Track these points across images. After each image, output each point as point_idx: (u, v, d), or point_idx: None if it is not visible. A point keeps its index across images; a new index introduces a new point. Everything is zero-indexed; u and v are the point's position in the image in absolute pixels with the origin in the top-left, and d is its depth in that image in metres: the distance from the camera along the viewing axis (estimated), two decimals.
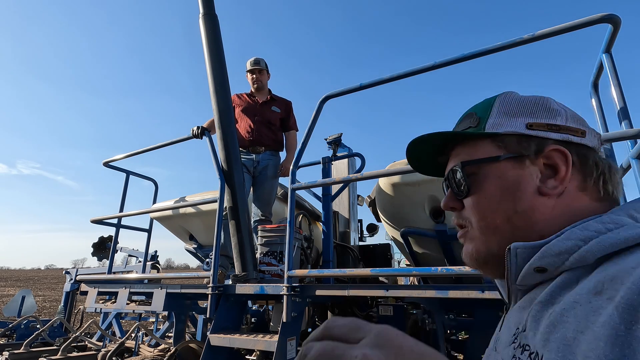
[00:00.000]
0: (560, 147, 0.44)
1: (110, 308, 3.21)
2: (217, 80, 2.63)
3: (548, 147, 0.45)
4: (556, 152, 0.44)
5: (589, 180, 0.44)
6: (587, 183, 0.44)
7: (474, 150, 0.49)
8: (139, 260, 5.26)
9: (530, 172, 0.45)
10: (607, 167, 0.45)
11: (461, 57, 1.94)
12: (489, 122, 0.49)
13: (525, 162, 0.46)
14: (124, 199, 3.66)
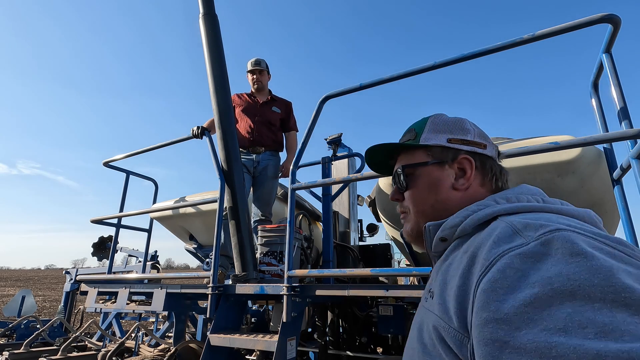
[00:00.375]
0: (468, 156, 0.64)
1: (110, 308, 3.21)
2: (217, 80, 2.63)
3: (460, 156, 0.64)
4: (465, 159, 0.64)
5: (486, 179, 0.64)
6: (484, 181, 0.64)
7: (411, 157, 0.69)
8: (139, 260, 5.26)
9: (448, 173, 0.64)
10: (498, 170, 0.65)
11: (461, 57, 1.94)
12: (422, 137, 0.68)
13: (445, 166, 0.65)
14: (124, 199, 3.66)
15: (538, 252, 0.37)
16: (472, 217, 0.53)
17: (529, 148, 1.56)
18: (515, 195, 0.55)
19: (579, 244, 0.36)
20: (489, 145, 0.66)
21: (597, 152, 2.07)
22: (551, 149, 1.54)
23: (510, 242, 0.41)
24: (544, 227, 0.40)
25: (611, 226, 2.50)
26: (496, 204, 0.53)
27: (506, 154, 1.63)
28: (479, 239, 0.47)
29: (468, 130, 0.66)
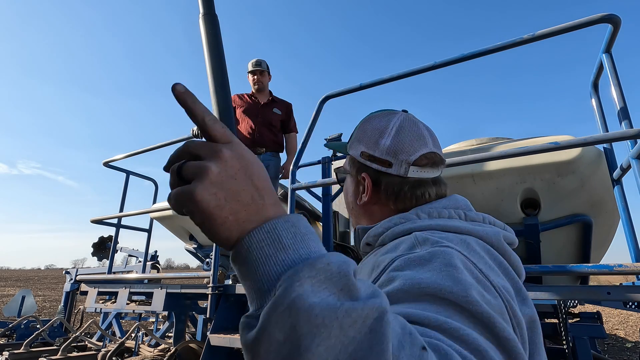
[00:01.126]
0: (366, 175, 0.66)
1: (110, 308, 3.21)
2: (217, 80, 2.62)
3: (362, 173, 0.66)
4: (363, 179, 0.66)
5: (389, 194, 0.64)
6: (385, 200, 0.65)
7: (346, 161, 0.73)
8: (139, 260, 5.26)
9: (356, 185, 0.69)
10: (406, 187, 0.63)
11: (461, 57, 1.94)
12: (349, 144, 0.71)
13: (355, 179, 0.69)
14: (124, 199, 3.66)
15: (423, 258, 0.43)
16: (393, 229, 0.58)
17: (529, 148, 1.56)
18: (437, 210, 0.58)
19: (454, 259, 0.41)
20: (396, 163, 0.62)
21: (597, 152, 2.07)
22: (551, 149, 1.54)
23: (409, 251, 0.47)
24: (438, 243, 0.46)
25: (611, 226, 2.50)
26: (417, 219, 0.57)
27: (506, 153, 1.63)
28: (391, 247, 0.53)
29: (378, 145, 0.64)
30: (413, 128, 0.65)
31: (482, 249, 0.49)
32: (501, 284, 0.43)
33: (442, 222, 0.54)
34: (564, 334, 1.96)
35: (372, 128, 0.67)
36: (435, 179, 0.65)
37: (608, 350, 6.27)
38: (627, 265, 1.39)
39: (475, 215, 0.58)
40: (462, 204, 0.61)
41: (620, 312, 10.44)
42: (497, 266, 0.48)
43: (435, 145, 0.66)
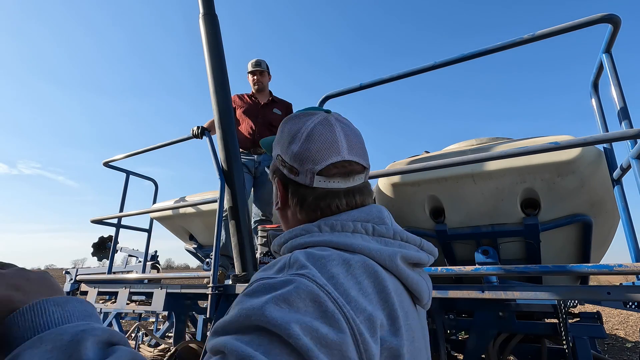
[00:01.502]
0: (278, 180, 0.64)
1: (110, 308, 3.21)
2: (217, 80, 2.63)
3: (276, 177, 0.65)
4: (276, 183, 0.65)
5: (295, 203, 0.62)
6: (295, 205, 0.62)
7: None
8: (139, 260, 5.26)
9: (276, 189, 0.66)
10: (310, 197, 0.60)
11: (461, 57, 1.94)
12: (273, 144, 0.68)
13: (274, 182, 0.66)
14: (124, 199, 3.66)
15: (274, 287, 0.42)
16: (292, 242, 0.57)
17: (529, 148, 1.56)
18: (342, 222, 0.55)
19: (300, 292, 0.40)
20: (302, 172, 0.59)
21: (597, 152, 2.07)
22: (551, 149, 1.54)
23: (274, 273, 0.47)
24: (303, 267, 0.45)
25: (611, 226, 2.50)
26: (317, 233, 0.55)
27: (506, 153, 1.63)
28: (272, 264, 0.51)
29: (290, 152, 0.61)
30: (325, 133, 0.60)
31: (365, 272, 0.47)
32: (366, 313, 0.42)
33: (336, 239, 0.52)
34: (564, 334, 1.96)
35: (287, 130, 0.63)
36: (348, 189, 0.60)
37: (608, 350, 6.27)
38: (627, 265, 1.39)
39: (385, 230, 0.55)
40: (375, 216, 0.58)
41: (620, 312, 10.44)
42: (375, 292, 0.46)
43: (353, 152, 0.61)
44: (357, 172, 0.61)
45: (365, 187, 0.63)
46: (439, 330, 2.15)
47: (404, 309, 0.50)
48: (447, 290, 1.79)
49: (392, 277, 0.51)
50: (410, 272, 0.53)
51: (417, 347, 0.51)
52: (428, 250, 0.59)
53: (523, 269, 1.54)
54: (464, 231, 2.42)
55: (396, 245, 0.54)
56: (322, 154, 0.58)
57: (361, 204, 0.61)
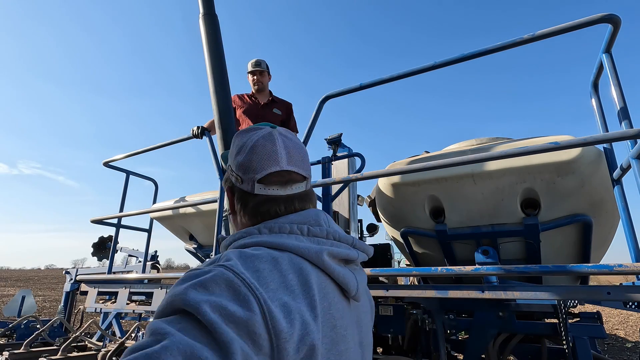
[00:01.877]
0: (228, 187, 0.72)
1: (110, 308, 3.22)
2: (217, 80, 2.63)
3: (227, 185, 0.72)
4: (227, 192, 0.72)
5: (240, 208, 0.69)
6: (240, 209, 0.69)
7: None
8: (139, 260, 5.26)
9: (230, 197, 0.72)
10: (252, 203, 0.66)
11: (461, 57, 1.95)
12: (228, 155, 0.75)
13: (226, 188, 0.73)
14: (124, 199, 3.66)
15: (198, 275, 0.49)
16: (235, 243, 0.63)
17: (529, 148, 1.56)
18: (280, 225, 0.62)
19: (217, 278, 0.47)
20: (245, 180, 0.67)
21: (597, 152, 2.07)
22: (551, 149, 1.54)
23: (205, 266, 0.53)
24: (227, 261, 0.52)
25: (611, 226, 2.50)
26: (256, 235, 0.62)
27: (506, 153, 1.63)
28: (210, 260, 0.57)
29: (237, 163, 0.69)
30: (267, 146, 0.66)
31: (291, 267, 0.54)
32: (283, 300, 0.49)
33: (271, 239, 0.59)
34: (564, 334, 1.96)
35: (236, 143, 0.71)
36: (288, 196, 0.66)
37: (608, 350, 6.27)
38: (627, 265, 1.39)
39: (319, 231, 0.62)
40: (312, 218, 0.64)
41: (620, 312, 10.44)
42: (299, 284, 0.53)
43: (292, 163, 0.67)
44: (296, 181, 0.67)
45: (306, 194, 0.70)
46: (439, 330, 2.15)
47: (328, 299, 0.56)
48: (447, 290, 1.79)
49: (319, 271, 0.58)
50: (336, 266, 0.60)
51: (341, 333, 0.56)
52: (360, 248, 0.66)
53: (523, 269, 1.54)
54: (464, 231, 2.42)
55: (327, 244, 0.61)
56: (262, 164, 0.65)
57: (301, 209, 0.67)
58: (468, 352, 2.08)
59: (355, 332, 0.62)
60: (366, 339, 0.66)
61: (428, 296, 1.84)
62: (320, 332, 0.51)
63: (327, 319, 0.54)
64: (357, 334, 0.63)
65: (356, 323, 0.63)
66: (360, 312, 0.66)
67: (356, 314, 0.64)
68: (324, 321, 0.53)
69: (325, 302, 0.55)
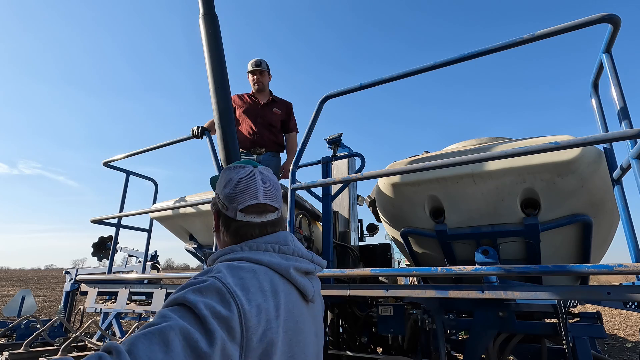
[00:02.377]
0: (215, 212, 0.90)
1: (110, 308, 3.22)
2: (217, 80, 2.62)
3: (214, 210, 0.90)
4: (214, 214, 0.90)
5: (224, 229, 0.87)
6: (224, 231, 0.87)
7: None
8: (139, 260, 5.26)
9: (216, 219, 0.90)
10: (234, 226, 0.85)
11: (461, 57, 1.95)
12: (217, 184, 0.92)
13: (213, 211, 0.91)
14: (124, 199, 3.66)
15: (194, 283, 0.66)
16: (221, 257, 0.81)
17: (529, 148, 1.57)
18: (257, 244, 0.81)
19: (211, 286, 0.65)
20: (230, 208, 0.85)
21: (597, 152, 2.07)
22: (551, 149, 1.54)
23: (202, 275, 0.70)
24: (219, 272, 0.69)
25: (611, 226, 2.50)
26: (239, 251, 0.80)
27: (506, 153, 1.63)
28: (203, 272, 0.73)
29: (224, 194, 0.87)
30: (249, 183, 0.86)
31: (266, 277, 0.73)
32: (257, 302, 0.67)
33: (251, 255, 0.77)
34: (564, 334, 1.96)
35: (224, 177, 0.89)
36: (262, 222, 0.85)
37: (608, 350, 6.27)
38: (627, 265, 1.39)
39: (287, 249, 0.82)
40: (282, 239, 0.84)
41: (620, 312, 10.44)
42: (270, 290, 0.71)
43: (268, 197, 0.87)
44: (270, 211, 0.87)
45: (278, 221, 0.89)
46: (439, 330, 2.15)
47: (292, 302, 0.75)
48: (447, 290, 1.79)
49: (286, 281, 0.77)
50: (299, 278, 0.79)
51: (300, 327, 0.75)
52: (317, 263, 0.87)
53: (523, 269, 1.54)
54: (464, 231, 2.41)
55: (293, 260, 0.80)
56: (244, 197, 0.85)
57: (273, 232, 0.87)
58: (468, 352, 2.08)
59: (312, 325, 0.81)
60: (320, 331, 0.87)
61: (428, 296, 1.84)
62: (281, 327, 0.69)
63: (290, 317, 0.73)
64: (313, 327, 0.82)
65: (312, 319, 0.82)
66: (315, 310, 0.85)
67: (312, 312, 0.83)
68: (288, 318, 0.72)
69: (289, 304, 0.74)
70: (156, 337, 0.54)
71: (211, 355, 0.56)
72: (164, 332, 0.55)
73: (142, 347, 0.53)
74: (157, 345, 0.54)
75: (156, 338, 0.54)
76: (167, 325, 0.56)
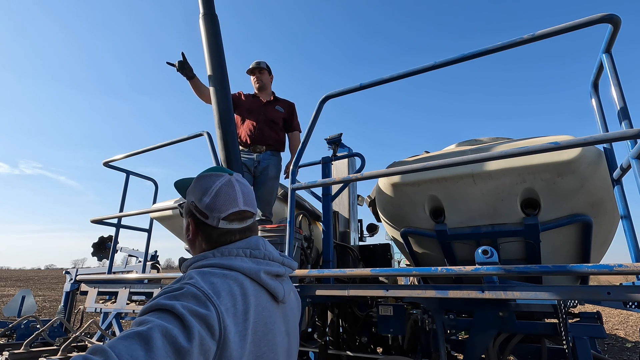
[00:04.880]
0: (191, 220, 0.90)
1: (110, 308, 3.22)
2: (217, 80, 2.63)
3: (189, 217, 0.90)
4: (190, 222, 0.90)
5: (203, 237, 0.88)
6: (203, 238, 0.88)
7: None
8: (139, 260, 5.26)
9: (188, 225, 0.91)
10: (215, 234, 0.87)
11: (461, 57, 1.95)
12: (187, 190, 0.94)
13: (187, 220, 0.91)
14: (124, 199, 3.66)
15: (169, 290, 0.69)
16: (194, 264, 0.83)
17: (529, 148, 1.56)
18: (229, 249, 0.83)
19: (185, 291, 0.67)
20: (210, 217, 0.87)
21: (597, 152, 2.07)
22: (551, 149, 1.54)
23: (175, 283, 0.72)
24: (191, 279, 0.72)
25: (611, 226, 2.50)
26: (211, 257, 0.82)
27: (506, 153, 1.63)
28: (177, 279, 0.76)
29: (201, 201, 0.88)
30: (229, 191, 0.88)
31: (236, 282, 0.75)
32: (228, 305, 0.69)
33: (222, 261, 0.80)
34: (564, 334, 1.96)
35: (200, 186, 0.89)
36: (242, 228, 0.89)
37: (608, 350, 6.27)
38: (627, 265, 1.39)
39: (258, 253, 0.85)
40: (253, 244, 0.87)
41: (620, 312, 10.44)
42: (240, 294, 0.74)
43: (247, 204, 0.90)
44: (249, 217, 0.91)
45: (254, 225, 0.93)
46: (439, 330, 2.15)
47: (262, 304, 0.78)
48: (446, 290, 1.79)
49: (256, 284, 0.80)
50: (270, 280, 0.82)
51: (270, 327, 0.78)
52: (288, 265, 0.90)
53: (523, 269, 1.54)
54: (464, 231, 2.41)
55: (264, 264, 0.83)
56: (226, 206, 0.87)
57: (248, 237, 0.89)
58: (468, 352, 2.08)
59: (282, 325, 0.84)
60: (292, 329, 0.90)
61: (428, 296, 1.84)
62: (250, 330, 0.72)
63: (260, 318, 0.76)
64: (284, 326, 0.85)
65: (283, 319, 0.86)
66: (287, 310, 0.89)
67: (284, 312, 0.87)
68: (258, 319, 0.75)
69: (259, 307, 0.76)
70: (136, 337, 0.56)
71: (189, 350, 0.58)
72: (143, 333, 0.57)
73: (122, 347, 0.55)
74: (137, 344, 0.55)
75: (137, 338, 0.56)
76: (146, 327, 0.58)
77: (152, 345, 0.56)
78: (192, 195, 0.90)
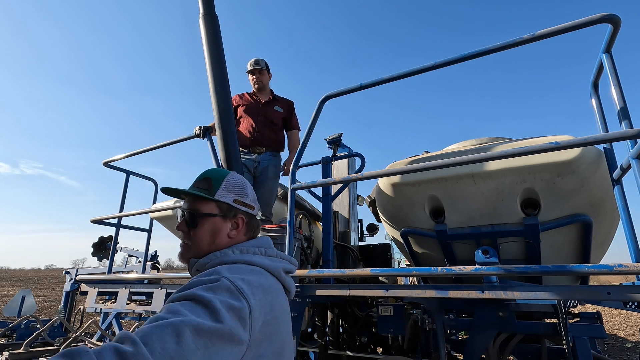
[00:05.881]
0: (243, 216, 0.95)
1: (110, 308, 3.22)
2: (217, 80, 2.62)
3: (239, 214, 0.95)
4: (240, 218, 0.95)
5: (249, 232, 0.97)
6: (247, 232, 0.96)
7: (204, 205, 0.93)
8: (139, 260, 5.25)
9: (227, 225, 0.93)
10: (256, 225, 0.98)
11: (461, 57, 1.95)
12: (218, 192, 0.93)
13: (227, 220, 0.93)
14: (124, 199, 3.66)
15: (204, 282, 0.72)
16: (214, 261, 0.86)
17: (529, 148, 1.56)
18: (247, 247, 0.90)
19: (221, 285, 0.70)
20: (256, 207, 0.98)
21: (597, 152, 2.07)
22: (551, 149, 1.54)
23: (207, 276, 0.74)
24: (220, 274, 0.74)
25: (611, 226, 2.50)
26: (231, 254, 0.87)
27: (506, 153, 1.63)
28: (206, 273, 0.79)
29: (247, 195, 0.96)
30: (248, 187, 1.00)
31: (263, 276, 0.82)
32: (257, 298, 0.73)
33: (245, 258, 0.86)
34: (564, 334, 1.96)
35: (235, 183, 0.96)
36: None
37: (608, 350, 6.27)
38: (627, 265, 1.39)
39: (271, 252, 0.92)
40: (265, 243, 0.94)
41: (620, 312, 10.44)
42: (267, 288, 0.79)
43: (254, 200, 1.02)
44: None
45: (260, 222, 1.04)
46: (439, 330, 2.15)
47: (281, 299, 0.84)
48: (446, 290, 1.79)
49: (275, 280, 0.87)
50: (285, 276, 0.91)
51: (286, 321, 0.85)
52: (294, 264, 0.97)
53: (523, 269, 1.54)
54: (464, 231, 2.41)
55: (278, 262, 0.90)
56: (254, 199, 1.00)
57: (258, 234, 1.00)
58: (468, 352, 2.08)
59: (289, 316, 0.91)
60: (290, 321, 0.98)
61: (428, 296, 1.84)
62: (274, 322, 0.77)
63: (281, 312, 0.82)
64: (289, 317, 0.91)
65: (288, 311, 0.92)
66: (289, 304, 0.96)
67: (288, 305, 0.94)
68: (279, 313, 0.81)
69: (280, 301, 0.83)
70: (169, 329, 0.57)
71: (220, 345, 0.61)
72: (176, 324, 0.58)
73: (155, 337, 0.55)
74: (169, 337, 0.56)
75: (169, 330, 0.57)
76: (179, 319, 0.59)
77: (183, 340, 0.57)
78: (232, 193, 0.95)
